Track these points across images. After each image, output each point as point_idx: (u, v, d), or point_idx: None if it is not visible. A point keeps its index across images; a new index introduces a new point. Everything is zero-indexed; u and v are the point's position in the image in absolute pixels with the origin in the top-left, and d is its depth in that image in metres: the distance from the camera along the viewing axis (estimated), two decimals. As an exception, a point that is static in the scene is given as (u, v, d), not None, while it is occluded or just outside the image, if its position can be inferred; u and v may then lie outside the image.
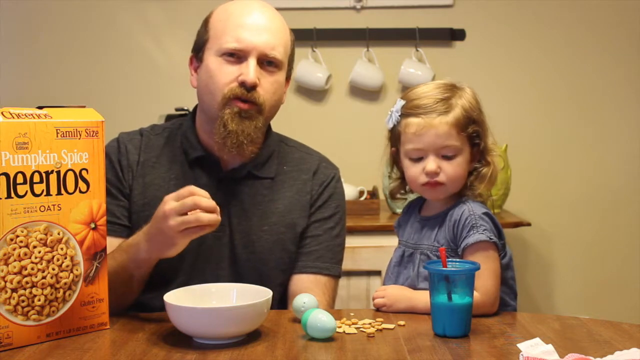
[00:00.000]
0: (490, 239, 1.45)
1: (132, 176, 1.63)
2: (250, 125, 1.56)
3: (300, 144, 1.77)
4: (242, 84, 1.55)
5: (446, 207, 1.51)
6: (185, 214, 1.35)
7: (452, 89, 1.52)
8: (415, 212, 1.59)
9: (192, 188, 1.37)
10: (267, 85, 1.58)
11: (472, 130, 1.49)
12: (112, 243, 1.56)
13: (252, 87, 1.55)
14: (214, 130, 1.57)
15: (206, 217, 1.35)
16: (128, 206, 1.62)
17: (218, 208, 1.36)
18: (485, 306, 1.43)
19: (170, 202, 1.37)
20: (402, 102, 1.52)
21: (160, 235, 1.40)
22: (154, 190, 1.61)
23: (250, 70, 1.54)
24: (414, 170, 1.51)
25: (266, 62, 1.58)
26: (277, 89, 1.61)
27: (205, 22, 1.63)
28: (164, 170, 1.64)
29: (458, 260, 1.39)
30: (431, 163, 1.49)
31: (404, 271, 1.53)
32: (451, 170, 1.49)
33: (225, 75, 1.56)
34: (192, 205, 1.35)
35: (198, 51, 1.63)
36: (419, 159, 1.51)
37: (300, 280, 1.63)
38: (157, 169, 1.64)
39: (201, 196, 1.35)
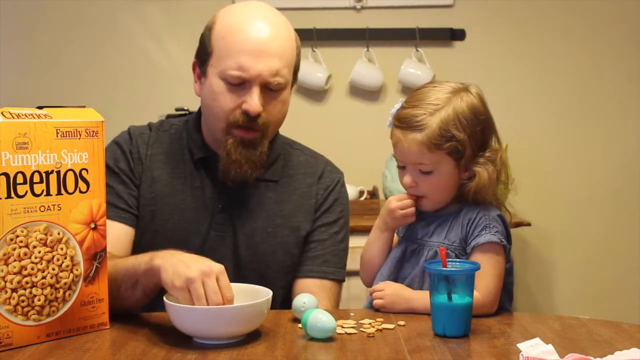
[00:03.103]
0: (501, 241, 1.44)
1: (142, 168, 1.64)
2: (254, 153, 1.56)
3: (305, 147, 1.76)
4: (246, 113, 1.53)
5: (459, 206, 1.51)
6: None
7: (448, 98, 1.46)
8: (419, 210, 1.57)
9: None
10: (271, 108, 1.56)
11: (450, 147, 1.44)
12: (124, 230, 1.58)
13: (256, 116, 1.53)
14: (219, 158, 1.58)
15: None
16: (137, 196, 1.62)
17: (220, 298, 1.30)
18: (485, 307, 1.43)
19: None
20: (398, 106, 1.51)
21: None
22: (161, 186, 1.62)
23: (253, 99, 1.52)
24: (400, 177, 1.52)
25: (270, 87, 1.54)
26: (283, 107, 1.59)
27: (209, 31, 1.58)
28: (171, 167, 1.64)
29: (458, 260, 1.39)
30: (407, 176, 1.49)
31: (406, 265, 1.52)
32: (427, 185, 1.48)
33: (228, 102, 1.54)
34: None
35: (202, 62, 1.60)
36: (403, 168, 1.51)
37: (306, 285, 1.63)
38: (164, 165, 1.64)
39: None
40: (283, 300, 1.62)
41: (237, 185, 1.60)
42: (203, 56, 1.59)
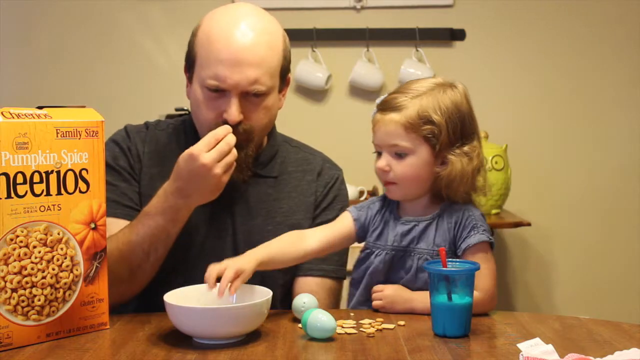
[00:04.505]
0: (490, 239, 1.45)
1: (140, 166, 1.64)
2: (240, 155, 1.54)
3: (303, 144, 1.77)
4: (225, 122, 1.52)
5: (438, 209, 1.48)
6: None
7: (432, 88, 1.46)
8: (391, 215, 1.52)
9: (214, 133, 1.45)
10: (254, 115, 1.55)
11: (427, 130, 1.43)
12: None
13: (235, 125, 1.53)
14: None
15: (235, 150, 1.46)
16: (139, 192, 1.63)
17: (230, 130, 1.47)
18: (485, 305, 1.43)
19: (205, 155, 1.42)
20: (384, 97, 1.51)
21: (203, 186, 1.45)
22: (159, 183, 1.61)
23: (232, 109, 1.51)
24: (375, 164, 1.50)
25: (251, 94, 1.54)
26: (267, 111, 1.58)
27: (194, 37, 1.58)
28: (169, 166, 1.64)
29: (458, 260, 1.39)
30: (381, 160, 1.47)
31: (392, 274, 1.49)
32: (400, 170, 1.45)
33: (209, 111, 1.54)
34: (228, 150, 1.44)
35: (189, 67, 1.60)
36: (380, 154, 1.49)
37: (306, 283, 1.62)
38: (162, 163, 1.64)
39: (226, 134, 1.45)
40: (282, 298, 1.62)
41: (235, 182, 1.60)
42: (189, 62, 1.60)
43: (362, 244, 1.57)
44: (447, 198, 1.48)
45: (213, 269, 1.36)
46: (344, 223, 1.55)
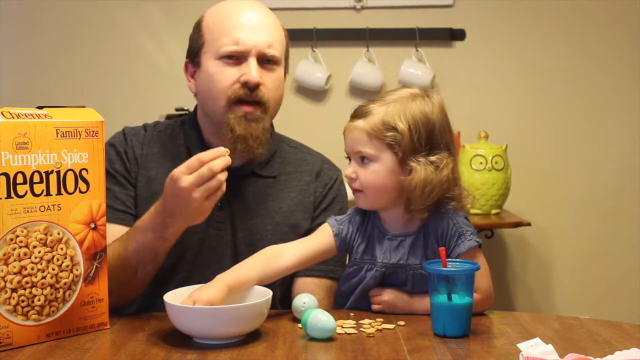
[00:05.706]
0: (477, 241, 1.44)
1: (138, 168, 1.64)
2: (257, 128, 1.56)
3: (301, 144, 1.77)
4: (245, 85, 1.54)
5: (420, 223, 1.46)
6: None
7: (403, 97, 1.44)
8: (375, 229, 1.50)
9: (199, 156, 1.38)
10: (269, 82, 1.58)
11: (390, 137, 1.41)
12: (122, 231, 1.57)
13: (255, 87, 1.55)
14: (221, 136, 1.57)
15: (224, 175, 1.38)
16: (135, 196, 1.63)
17: (226, 153, 1.38)
18: (485, 304, 1.44)
19: (184, 178, 1.37)
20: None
21: (185, 209, 1.41)
22: (158, 184, 1.62)
23: (252, 70, 1.54)
24: (344, 172, 1.50)
25: (265, 60, 1.58)
26: (279, 85, 1.61)
27: (198, 26, 1.63)
28: (168, 166, 1.64)
29: (458, 260, 1.39)
30: (349, 167, 1.47)
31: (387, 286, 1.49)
32: (364, 176, 1.44)
33: (226, 78, 1.56)
34: (209, 175, 1.36)
35: (194, 57, 1.63)
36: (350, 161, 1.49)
37: (305, 284, 1.62)
38: (161, 164, 1.64)
39: (211, 159, 1.37)
40: (282, 297, 1.62)
41: (235, 181, 1.60)
42: (194, 50, 1.62)
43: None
44: (409, 212, 1.44)
45: None
46: (324, 237, 1.52)
